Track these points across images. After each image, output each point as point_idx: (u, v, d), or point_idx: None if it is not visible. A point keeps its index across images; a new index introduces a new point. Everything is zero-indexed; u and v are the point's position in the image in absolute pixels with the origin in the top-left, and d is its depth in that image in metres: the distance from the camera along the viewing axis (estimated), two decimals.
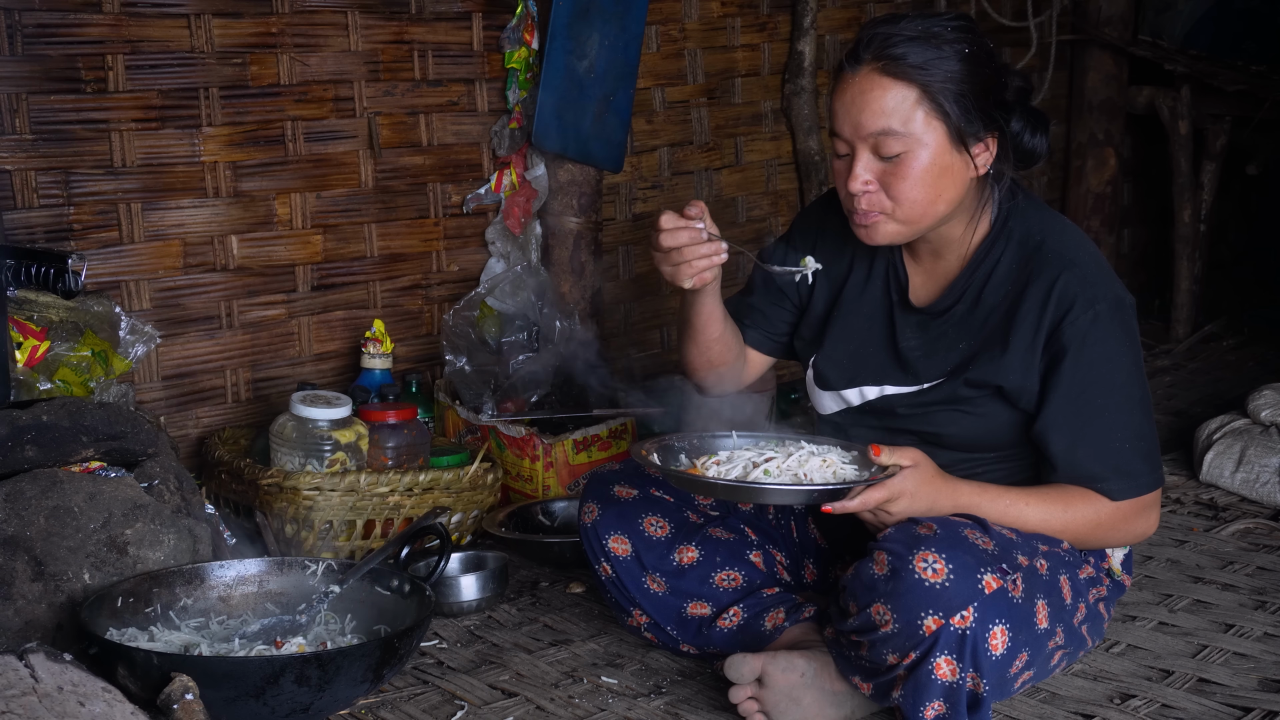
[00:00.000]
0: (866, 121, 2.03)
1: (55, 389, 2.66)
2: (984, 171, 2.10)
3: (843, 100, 2.06)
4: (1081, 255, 2.11)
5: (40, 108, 2.84)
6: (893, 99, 2.02)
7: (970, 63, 2.03)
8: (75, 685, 1.87)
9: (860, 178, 2.06)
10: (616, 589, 2.34)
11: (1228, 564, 2.80)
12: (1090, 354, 2.06)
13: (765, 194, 4.15)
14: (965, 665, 1.91)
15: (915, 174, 2.04)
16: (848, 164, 2.08)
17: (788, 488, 1.99)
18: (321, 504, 2.72)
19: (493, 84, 3.49)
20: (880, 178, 2.06)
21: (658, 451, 2.15)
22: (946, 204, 2.09)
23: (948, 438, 2.16)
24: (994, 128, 2.08)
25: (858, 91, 2.04)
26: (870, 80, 2.03)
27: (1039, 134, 2.13)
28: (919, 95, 2.01)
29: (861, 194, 2.07)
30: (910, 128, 2.02)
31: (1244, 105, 4.58)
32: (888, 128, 2.02)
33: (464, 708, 2.21)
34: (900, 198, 2.06)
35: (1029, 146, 2.13)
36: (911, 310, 2.22)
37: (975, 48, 2.05)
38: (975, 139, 2.06)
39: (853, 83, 2.05)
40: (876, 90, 2.02)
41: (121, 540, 2.25)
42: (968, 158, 2.07)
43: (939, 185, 2.06)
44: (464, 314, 3.38)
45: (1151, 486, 2.11)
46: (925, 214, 2.08)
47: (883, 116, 2.02)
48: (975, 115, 2.04)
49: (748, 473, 2.04)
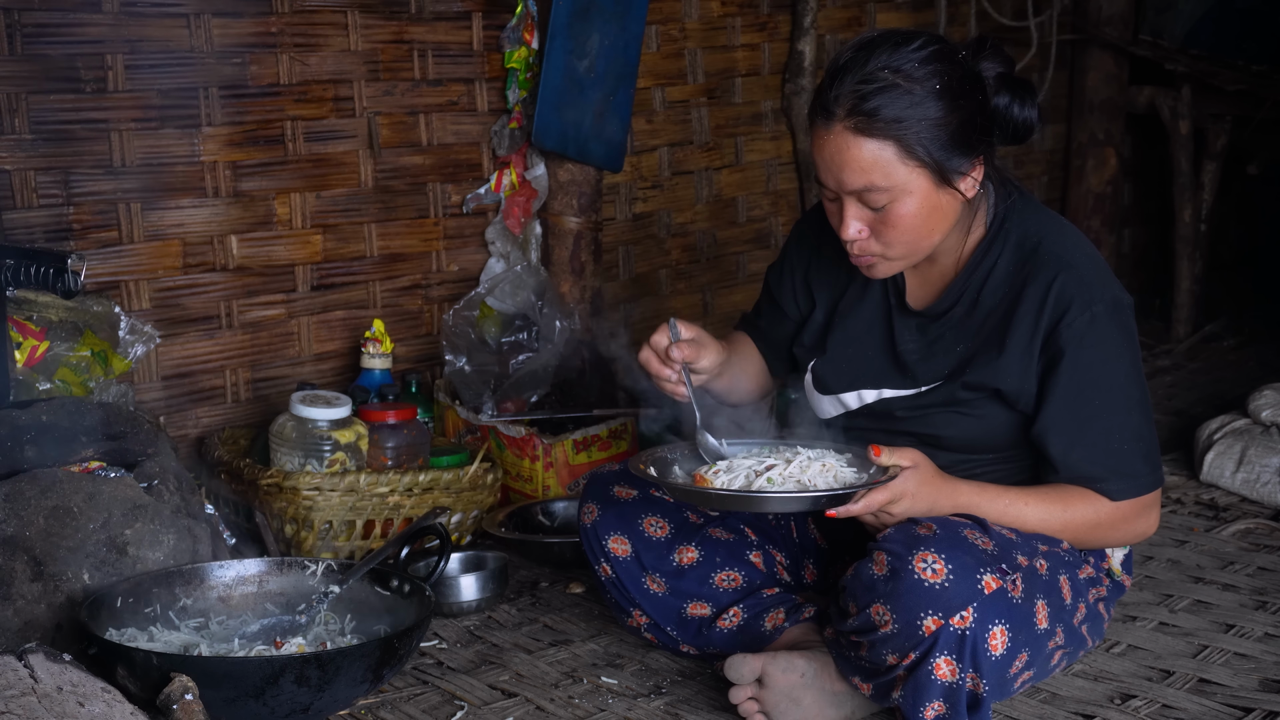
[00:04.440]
0: (848, 179, 2.02)
1: (55, 389, 2.66)
2: (972, 195, 2.08)
3: (822, 156, 2.04)
4: (1078, 256, 2.10)
5: (40, 107, 2.84)
6: (870, 156, 1.99)
7: (946, 97, 1.99)
8: (75, 686, 1.87)
9: (852, 228, 2.06)
10: (616, 589, 2.34)
11: (1228, 564, 2.80)
12: (1088, 355, 2.05)
13: (765, 194, 4.15)
14: (965, 665, 1.90)
15: (904, 220, 2.03)
16: (838, 209, 2.07)
17: (793, 496, 1.99)
18: (321, 504, 2.72)
19: (493, 84, 3.49)
20: (871, 225, 2.06)
21: (655, 465, 2.15)
22: (941, 234, 2.09)
23: (946, 439, 2.16)
24: (977, 153, 2.05)
25: (835, 150, 2.02)
26: (845, 139, 2.00)
27: (1027, 105, 2.08)
28: (896, 149, 1.99)
29: (854, 241, 2.07)
30: (892, 180, 2.00)
31: (1244, 105, 4.57)
32: (870, 184, 2.01)
33: (464, 708, 2.21)
34: (892, 241, 2.06)
35: (1020, 119, 2.08)
36: (909, 313, 2.22)
37: (948, 77, 2.00)
38: (959, 173, 2.04)
39: (829, 140, 2.02)
40: (854, 149, 2.00)
41: (121, 540, 2.25)
42: (954, 191, 2.05)
43: (929, 224, 2.06)
44: (464, 314, 3.37)
45: (1151, 486, 2.11)
46: (920, 249, 2.09)
47: (864, 174, 2.00)
48: (956, 150, 2.01)
49: (750, 482, 2.04)
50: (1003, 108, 2.08)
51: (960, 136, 2.01)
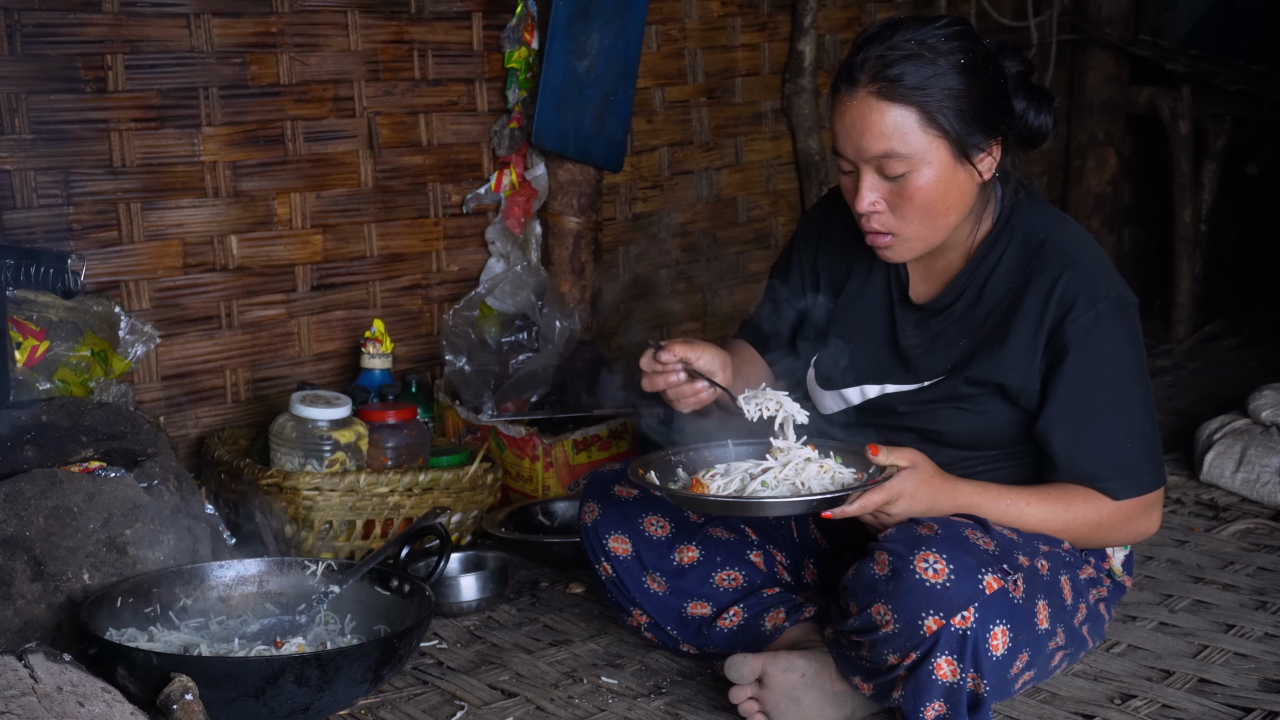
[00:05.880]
0: (868, 145, 2.02)
1: (55, 389, 2.66)
2: (989, 177, 2.09)
3: (843, 123, 2.05)
4: (1083, 254, 2.10)
5: (40, 107, 2.84)
6: (892, 121, 2.00)
7: (968, 73, 2.02)
8: (75, 685, 1.87)
9: (867, 199, 2.06)
10: (617, 589, 2.34)
11: (1228, 564, 2.80)
12: (1092, 353, 2.05)
13: (765, 194, 4.15)
14: (966, 666, 1.90)
15: (921, 192, 2.04)
16: (854, 181, 2.07)
17: (786, 500, 1.99)
18: (321, 504, 2.72)
19: (493, 84, 3.49)
20: (886, 197, 2.06)
21: (655, 468, 2.14)
22: (957, 214, 2.09)
23: (949, 435, 2.16)
24: (997, 133, 2.07)
25: (857, 115, 2.03)
26: (868, 104, 2.01)
27: (1044, 112, 2.12)
28: (918, 116, 2.00)
29: (870, 214, 2.07)
30: (912, 148, 2.01)
31: (1244, 105, 4.57)
32: (890, 150, 2.01)
33: (464, 708, 2.21)
34: (907, 215, 2.06)
35: (1035, 125, 2.12)
36: (912, 307, 2.22)
37: (971, 55, 2.03)
38: (978, 149, 2.05)
39: (851, 106, 2.03)
40: (875, 114, 2.01)
41: (121, 540, 2.25)
42: (972, 168, 2.06)
43: (946, 200, 2.06)
44: (464, 314, 3.37)
45: (1153, 486, 2.11)
46: (936, 228, 2.09)
47: (884, 140, 2.01)
48: (976, 126, 2.03)
49: (745, 485, 2.03)
50: (1020, 111, 2.10)
51: (980, 112, 2.03)
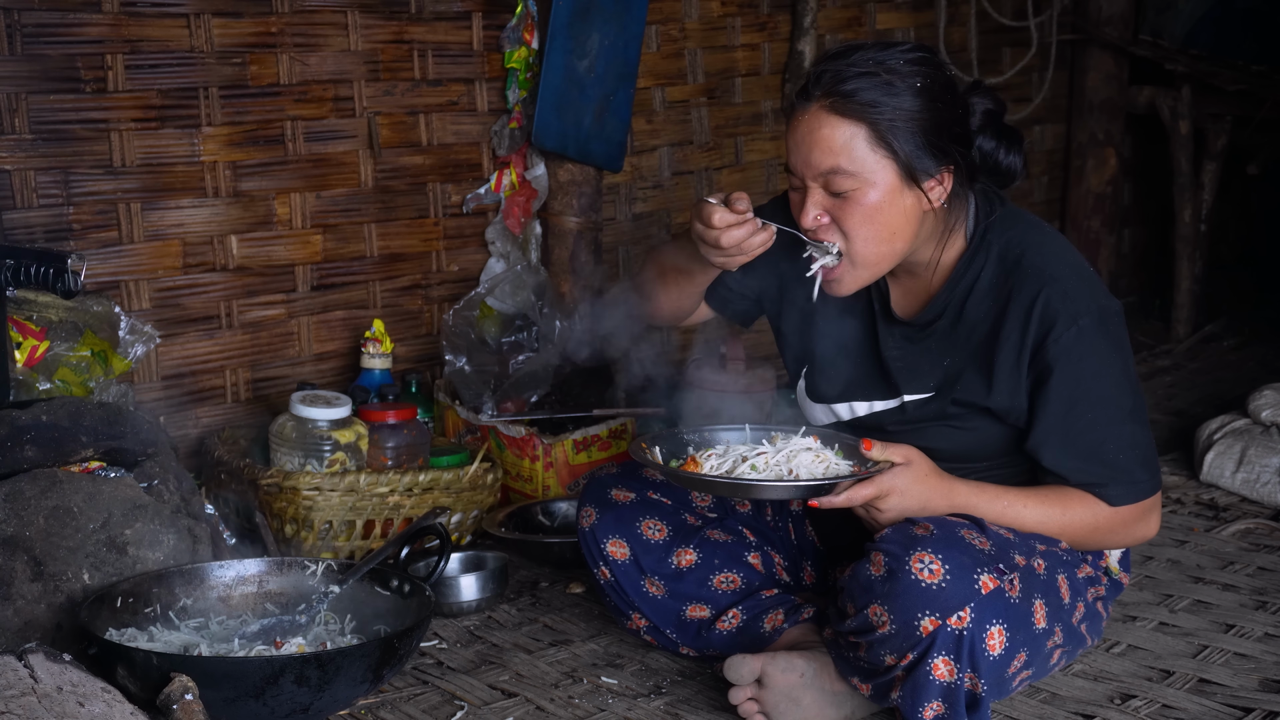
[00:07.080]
0: (816, 159, 2.02)
1: (55, 389, 2.66)
2: (938, 205, 2.08)
3: (794, 136, 2.05)
4: (1061, 268, 2.08)
5: (40, 107, 2.84)
6: (841, 137, 2.00)
7: (924, 97, 2.00)
8: (75, 686, 1.87)
9: (811, 213, 2.05)
10: (615, 593, 2.34)
11: (1228, 564, 2.80)
12: (1076, 370, 2.04)
13: (765, 194, 4.15)
14: (963, 665, 1.91)
15: (865, 210, 2.02)
16: (801, 197, 2.07)
17: (770, 483, 2.00)
18: (321, 504, 2.72)
19: (493, 84, 3.49)
20: (832, 212, 2.05)
21: (664, 442, 2.16)
22: (903, 240, 2.07)
23: (941, 451, 2.14)
24: (949, 162, 2.05)
25: (807, 130, 2.03)
26: (819, 118, 2.01)
27: (1013, 152, 2.12)
28: (867, 133, 1.99)
29: (814, 229, 2.06)
30: (858, 165, 2.00)
31: (1244, 105, 4.57)
32: (836, 166, 2.01)
33: (464, 708, 2.21)
34: (851, 233, 2.05)
35: (1005, 165, 2.12)
36: (895, 322, 2.21)
37: (929, 81, 2.02)
38: (927, 175, 2.03)
39: (803, 120, 2.04)
40: (825, 129, 2.01)
41: (121, 540, 2.25)
42: (920, 193, 2.05)
43: (890, 222, 2.04)
44: (464, 314, 3.38)
45: (1150, 492, 2.11)
46: (881, 253, 2.07)
47: (831, 155, 2.01)
48: (927, 151, 2.01)
49: (736, 467, 2.04)
50: (989, 150, 2.10)
51: (932, 138, 2.01)
